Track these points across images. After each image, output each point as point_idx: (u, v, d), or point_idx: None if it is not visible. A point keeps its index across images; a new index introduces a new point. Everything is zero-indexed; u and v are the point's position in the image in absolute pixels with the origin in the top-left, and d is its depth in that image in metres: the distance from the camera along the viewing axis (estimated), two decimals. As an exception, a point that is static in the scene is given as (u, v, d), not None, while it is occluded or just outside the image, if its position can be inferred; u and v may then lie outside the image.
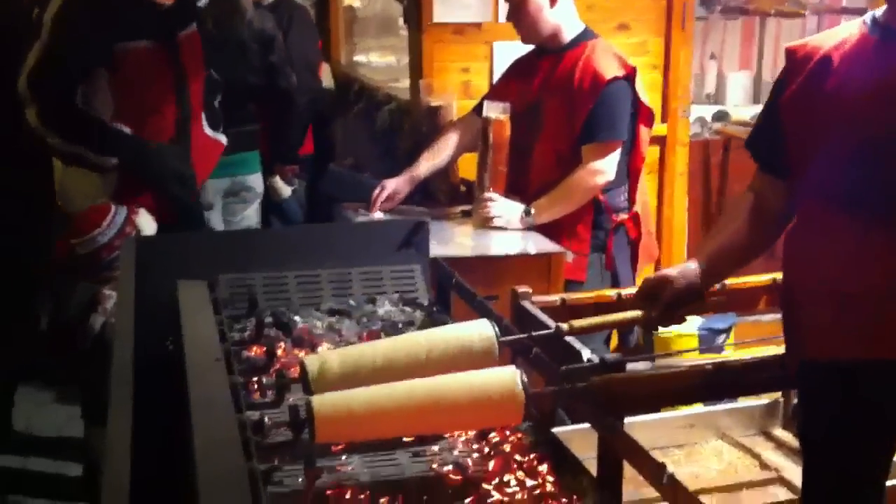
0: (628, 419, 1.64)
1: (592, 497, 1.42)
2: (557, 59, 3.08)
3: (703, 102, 5.61)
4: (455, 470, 1.50)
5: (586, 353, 1.90)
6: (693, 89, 4.56)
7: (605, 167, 3.01)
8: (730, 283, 2.42)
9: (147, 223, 2.91)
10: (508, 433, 1.62)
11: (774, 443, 2.49)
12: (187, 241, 2.35)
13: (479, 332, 1.68)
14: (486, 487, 1.46)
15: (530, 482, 1.48)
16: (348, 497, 1.43)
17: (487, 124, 3.07)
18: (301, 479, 1.45)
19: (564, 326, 1.80)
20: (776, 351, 2.03)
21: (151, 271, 2.08)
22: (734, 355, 2.22)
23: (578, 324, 1.81)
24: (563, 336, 1.81)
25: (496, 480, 1.48)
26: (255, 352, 1.92)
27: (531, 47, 3.19)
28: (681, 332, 3.03)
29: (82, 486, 3.24)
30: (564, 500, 1.43)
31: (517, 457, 1.55)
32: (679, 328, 2.79)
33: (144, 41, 2.82)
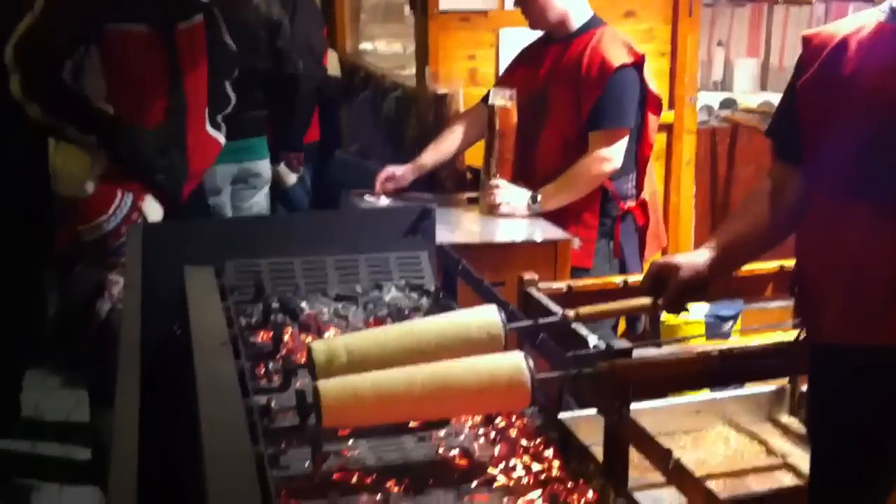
0: (635, 405, 1.64)
1: (598, 482, 1.42)
2: (565, 46, 3.07)
3: (710, 90, 5.60)
4: (461, 454, 1.51)
5: (593, 340, 1.90)
6: (700, 76, 4.54)
7: (612, 155, 3.00)
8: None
9: (153, 210, 2.91)
10: (514, 418, 1.63)
11: (781, 429, 2.49)
12: (194, 228, 2.36)
13: (485, 318, 1.68)
14: (492, 472, 1.47)
15: (536, 467, 1.48)
16: (354, 481, 1.43)
17: (493, 111, 3.06)
18: (307, 464, 1.46)
19: (571, 313, 1.80)
20: (783, 337, 2.03)
21: (158, 257, 2.09)
22: (741, 342, 2.22)
23: (584, 311, 1.81)
24: (569, 323, 1.81)
25: (502, 465, 1.49)
26: (262, 337, 1.93)
27: (539, 34, 3.18)
28: (688, 319, 3.03)
29: (90, 471, 3.26)
30: (570, 484, 1.43)
31: (523, 441, 1.55)
32: (686, 315, 2.79)
33: (141, 26, 2.79)
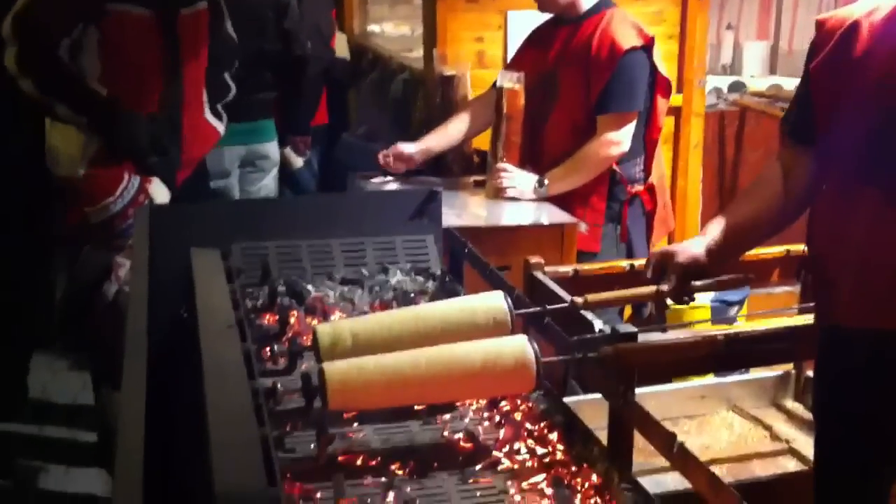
0: (639, 389, 1.64)
1: (602, 466, 1.43)
2: (575, 28, 3.05)
3: (718, 73, 5.57)
4: (466, 437, 1.51)
5: (598, 324, 1.90)
6: (709, 60, 4.53)
7: (621, 138, 2.99)
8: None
9: (160, 192, 2.91)
10: (519, 402, 1.63)
11: (786, 414, 2.49)
12: (201, 210, 2.36)
13: (492, 303, 1.68)
14: (497, 455, 1.47)
15: (541, 450, 1.48)
16: (359, 464, 1.44)
17: (501, 94, 3.05)
18: (313, 446, 1.46)
19: (579, 300, 1.80)
20: (789, 323, 2.03)
21: (165, 239, 2.09)
22: (746, 327, 2.21)
23: (593, 297, 1.81)
24: (577, 310, 1.81)
25: (506, 448, 1.49)
26: (268, 320, 1.93)
27: (548, 16, 3.17)
28: (693, 304, 3.02)
29: (96, 453, 3.28)
30: (574, 468, 1.44)
31: (528, 425, 1.55)
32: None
33: (141, 8, 2.77)
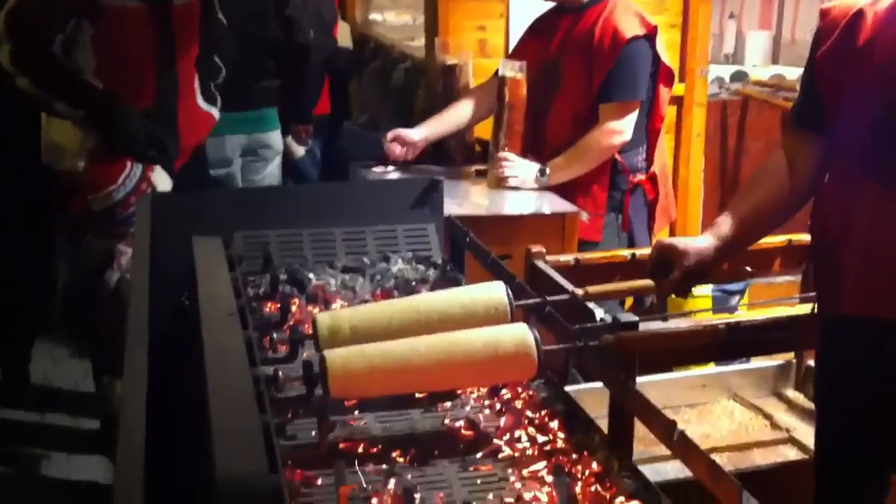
0: (640, 378, 1.64)
1: (603, 454, 1.43)
2: (577, 16, 3.04)
3: (721, 62, 5.57)
4: (467, 425, 1.51)
5: (599, 313, 1.90)
6: (711, 49, 4.51)
7: (623, 127, 2.99)
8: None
9: (163, 180, 2.91)
10: (520, 390, 1.63)
11: (786, 404, 2.50)
12: (202, 198, 2.35)
13: (492, 294, 1.68)
14: (497, 442, 1.47)
15: (541, 438, 1.49)
16: (360, 451, 1.44)
17: (503, 82, 3.04)
18: (314, 433, 1.47)
19: (580, 292, 1.80)
20: (790, 312, 2.03)
21: (167, 228, 2.09)
22: (748, 316, 2.22)
23: (594, 289, 1.81)
24: (578, 301, 1.81)
25: (507, 436, 1.49)
26: (270, 308, 1.93)
27: (550, 5, 3.16)
28: (695, 293, 3.03)
29: (98, 440, 3.29)
30: (575, 456, 1.44)
31: (528, 413, 1.56)
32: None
33: (135, 1, 2.76)
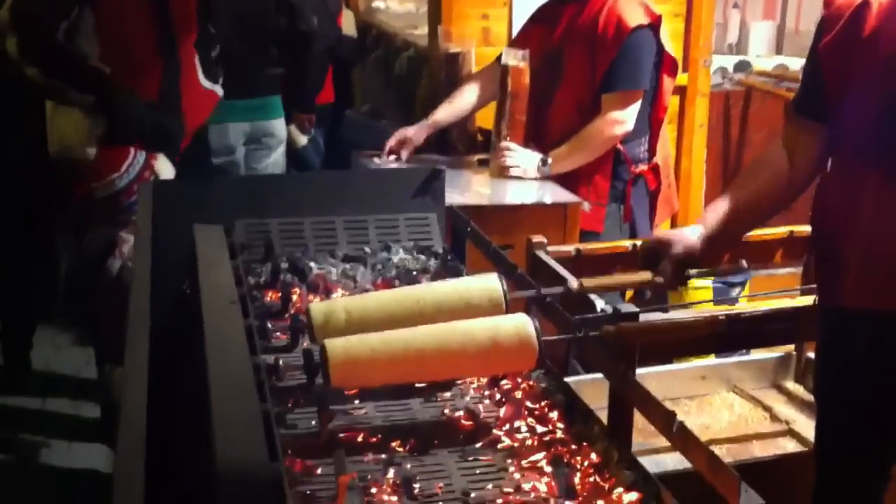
0: (640, 370, 1.64)
1: (602, 445, 1.43)
2: (581, 5, 3.02)
3: (724, 52, 5.55)
4: (466, 415, 1.51)
5: (600, 304, 1.90)
6: (715, 39, 4.50)
7: (625, 117, 2.98)
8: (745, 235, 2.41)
9: (166, 168, 2.91)
10: (520, 381, 1.63)
11: (786, 396, 2.50)
12: (204, 186, 2.35)
13: (487, 284, 1.67)
14: (497, 433, 1.48)
15: (541, 429, 1.49)
16: (360, 440, 1.44)
17: (506, 71, 3.03)
18: (314, 422, 1.47)
19: (575, 285, 1.79)
20: (791, 304, 2.03)
21: (168, 215, 2.09)
22: (748, 308, 2.22)
23: (589, 283, 1.80)
24: (573, 295, 1.80)
25: (507, 426, 1.49)
26: (271, 297, 1.94)
27: (554, -6, 3.15)
28: (696, 285, 3.02)
29: (99, 428, 3.29)
30: (574, 447, 1.44)
31: (528, 404, 1.56)
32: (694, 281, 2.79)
33: None
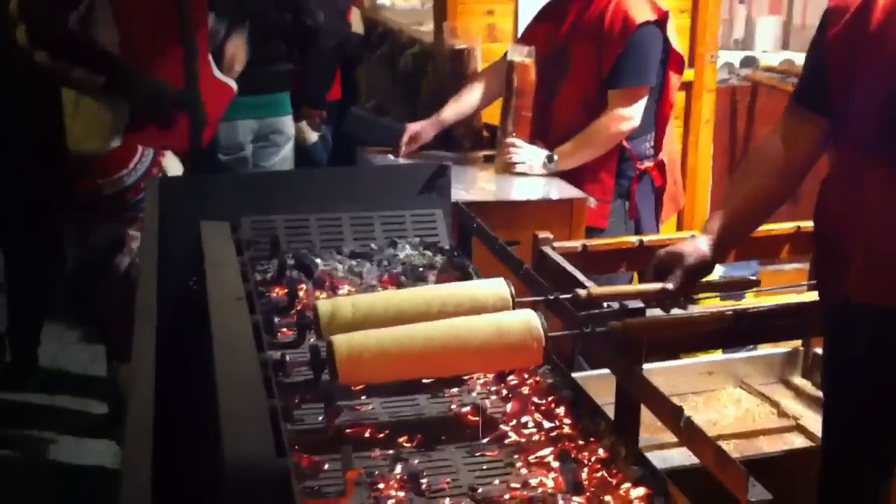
0: (647, 365, 1.64)
1: (609, 440, 1.43)
2: (588, 1, 3.01)
3: (731, 48, 5.54)
4: (473, 411, 1.51)
5: (606, 299, 1.89)
6: (721, 34, 4.49)
7: (631, 113, 2.97)
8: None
9: (173, 165, 2.92)
10: (527, 376, 1.64)
11: (793, 391, 2.50)
12: (211, 183, 2.36)
13: (493, 291, 1.67)
14: (504, 428, 1.48)
15: (548, 424, 1.49)
16: (367, 436, 1.45)
17: (511, 68, 3.03)
18: (321, 418, 1.47)
19: (583, 292, 1.79)
20: (798, 299, 2.02)
21: (175, 212, 2.10)
22: (755, 303, 2.21)
23: (597, 291, 1.80)
24: (581, 302, 1.79)
25: (514, 422, 1.50)
26: (277, 293, 1.94)
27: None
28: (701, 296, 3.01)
29: (107, 424, 3.30)
30: (581, 442, 1.44)
31: (535, 399, 1.56)
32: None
33: None
